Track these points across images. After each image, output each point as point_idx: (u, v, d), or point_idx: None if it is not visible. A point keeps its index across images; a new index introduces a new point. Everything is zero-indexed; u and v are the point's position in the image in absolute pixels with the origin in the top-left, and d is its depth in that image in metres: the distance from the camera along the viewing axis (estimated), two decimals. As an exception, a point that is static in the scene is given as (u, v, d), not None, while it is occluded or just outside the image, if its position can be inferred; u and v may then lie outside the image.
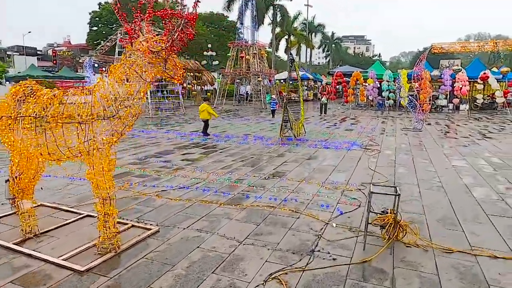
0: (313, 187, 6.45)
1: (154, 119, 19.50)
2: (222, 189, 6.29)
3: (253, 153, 9.61)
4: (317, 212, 5.20)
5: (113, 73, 3.67)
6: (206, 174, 7.36)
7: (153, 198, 5.81)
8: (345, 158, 9.01)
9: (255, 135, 12.95)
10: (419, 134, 13.49)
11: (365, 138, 12.25)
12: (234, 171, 7.61)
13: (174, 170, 7.72)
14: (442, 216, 5.02)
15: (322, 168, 7.88)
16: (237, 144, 11.08)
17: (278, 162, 8.50)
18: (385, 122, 18.04)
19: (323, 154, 9.53)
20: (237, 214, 5.11)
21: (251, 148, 10.43)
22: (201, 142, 11.47)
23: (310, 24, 70.83)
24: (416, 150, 10.06)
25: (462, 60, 46.08)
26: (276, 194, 6.00)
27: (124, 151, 9.79)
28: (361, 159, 8.90)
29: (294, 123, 11.35)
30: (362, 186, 6.48)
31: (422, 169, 7.81)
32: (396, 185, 6.34)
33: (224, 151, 9.91)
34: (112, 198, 3.76)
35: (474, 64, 26.83)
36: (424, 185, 6.56)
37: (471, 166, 8.13)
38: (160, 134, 13.50)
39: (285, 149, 10.18)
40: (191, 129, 14.88)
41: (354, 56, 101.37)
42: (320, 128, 15.18)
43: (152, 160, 8.76)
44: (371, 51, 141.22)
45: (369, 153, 9.65)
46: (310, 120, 18.90)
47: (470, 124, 17.25)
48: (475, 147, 10.74)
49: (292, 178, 7.02)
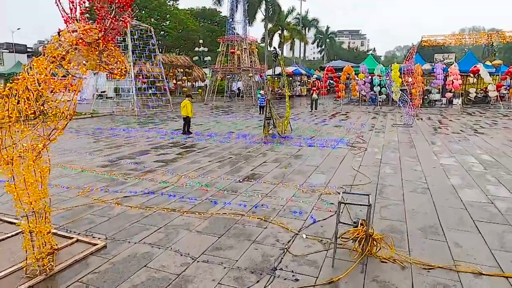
0: (289, 190, 5.97)
1: (139, 117, 18.93)
2: (190, 195, 5.79)
3: (233, 153, 9.12)
4: (289, 220, 4.72)
5: (35, 67, 3.15)
6: (177, 177, 6.85)
7: (111, 206, 5.30)
8: (329, 157, 8.53)
9: (239, 133, 12.44)
10: (409, 130, 13.05)
11: (353, 135, 11.78)
12: (208, 173, 7.11)
13: (144, 173, 7.20)
14: (424, 224, 4.56)
15: (302, 169, 7.39)
16: (218, 143, 10.57)
17: (257, 163, 8.01)
18: (376, 117, 17.59)
19: (307, 153, 9.05)
20: (199, 224, 4.62)
21: (232, 147, 9.93)
22: (180, 141, 10.95)
23: (304, 19, 70.27)
24: (404, 148, 9.61)
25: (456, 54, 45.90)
26: (247, 200, 5.51)
27: (97, 152, 9.26)
28: (346, 158, 8.43)
29: (278, 120, 10.86)
30: (342, 188, 6.01)
31: (408, 169, 7.35)
32: (379, 187, 5.89)
33: (203, 151, 9.40)
34: (38, 213, 3.25)
35: (467, 58, 26.44)
36: (408, 187, 6.10)
37: (460, 165, 7.69)
38: (140, 133, 12.96)
39: (267, 148, 9.69)
40: (175, 127, 14.34)
41: (348, 51, 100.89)
42: (308, 125, 14.70)
43: (124, 162, 8.23)
44: (366, 45, 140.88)
45: (355, 151, 9.18)
46: (299, 116, 18.41)
47: (462, 119, 16.85)
48: (466, 143, 10.31)
49: (268, 181, 6.53)
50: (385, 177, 6.77)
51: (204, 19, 67.96)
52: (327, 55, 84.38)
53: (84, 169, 7.54)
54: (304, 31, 72.27)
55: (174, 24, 60.67)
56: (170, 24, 60.49)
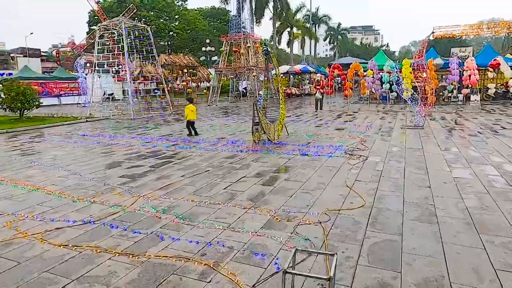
0: (260, 218, 4.82)
1: (135, 121, 18.06)
2: (137, 225, 4.71)
3: (213, 164, 8.01)
4: (244, 267, 3.58)
5: None
6: (134, 199, 5.79)
7: (33, 243, 4.27)
8: (321, 169, 7.33)
9: (230, 139, 11.34)
10: (419, 132, 11.68)
11: (355, 140, 10.51)
12: (173, 193, 6.02)
13: (99, 193, 6.17)
14: (425, 278, 3.34)
15: (285, 187, 6.22)
16: (202, 151, 9.49)
17: (235, 177, 6.87)
18: (385, 118, 16.20)
19: (296, 164, 7.87)
20: (125, 274, 3.52)
21: (215, 157, 8.83)
22: (162, 150, 9.92)
23: (314, 16, 68.72)
24: (412, 156, 8.31)
25: (474, 48, 43.48)
26: (203, 233, 4.39)
27: (63, 165, 8.29)
28: (340, 170, 7.21)
29: (268, 125, 9.69)
30: (326, 215, 4.83)
31: (413, 185, 6.09)
32: (374, 213, 4.48)
33: (180, 162, 8.33)
34: None
35: (485, 51, 24.64)
36: (410, 212, 4.86)
37: (478, 179, 6.37)
38: (125, 140, 12.00)
39: (253, 158, 8.54)
40: (165, 133, 13.35)
41: (361, 47, 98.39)
42: (308, 128, 13.47)
43: (86, 177, 7.23)
44: (380, 41, 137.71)
45: (353, 161, 7.94)
46: (301, 117, 17.19)
47: (481, 118, 15.30)
48: (484, 148, 8.93)
49: (239, 204, 5.39)
50: (383, 197, 5.54)
51: (213, 19, 67.13)
52: (339, 52, 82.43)
53: (36, 187, 6.57)
54: (315, 28, 70.70)
55: (183, 24, 60.08)
56: (179, 25, 59.95)
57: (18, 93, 18.75)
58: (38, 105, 20.67)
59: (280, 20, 56.63)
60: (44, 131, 15.14)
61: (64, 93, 41.44)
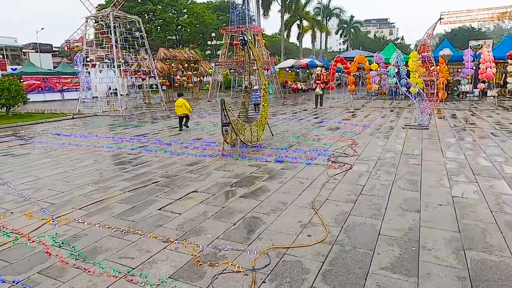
0: (176, 260, 3.57)
1: (121, 118, 17.02)
2: (11, 267, 3.53)
3: (169, 173, 6.80)
4: None
5: None
6: (40, 222, 4.61)
7: None
8: (290, 182, 6.02)
9: (206, 140, 10.11)
10: (422, 133, 10.20)
11: (345, 142, 9.13)
12: (93, 215, 4.82)
13: (4, 213, 5.02)
14: None
15: (234, 208, 4.94)
16: (166, 156, 8.29)
17: (182, 193, 5.63)
18: (387, 115, 14.68)
19: (264, 173, 6.57)
20: None
21: (176, 163, 7.60)
22: (123, 153, 8.76)
23: (326, 8, 66.64)
24: (406, 165, 6.90)
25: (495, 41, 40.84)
26: (84, 284, 3.17)
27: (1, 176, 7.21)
28: (314, 183, 5.88)
29: (243, 126, 8.39)
30: (267, 256, 3.54)
31: (398, 209, 4.72)
32: (332, 254, 3.20)
33: (134, 170, 7.14)
34: None
35: (504, 43, 22.67)
36: (383, 256, 3.52)
37: (484, 199, 4.96)
38: (94, 140, 10.91)
39: (218, 165, 7.28)
40: (140, 132, 12.21)
41: (374, 40, 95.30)
42: (300, 127, 12.12)
43: (13, 188, 6.11)
44: (395, 34, 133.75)
45: (334, 170, 6.60)
46: (297, 115, 15.83)
47: (496, 116, 13.64)
48: (496, 155, 7.44)
49: (162, 234, 4.15)
50: (354, 227, 4.21)
51: (222, 12, 65.74)
52: (352, 46, 79.96)
53: None
54: (326, 21, 68.57)
55: (191, 18, 58.93)
56: (186, 19, 58.84)
57: (3, 89, 17.94)
58: (25, 101, 19.88)
59: (289, 12, 54.85)
60: (21, 129, 14.21)
61: (67, 88, 40.92)
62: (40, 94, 37.12)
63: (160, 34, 54.57)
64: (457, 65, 22.29)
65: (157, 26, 55.58)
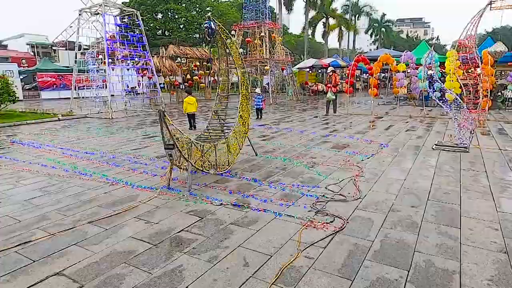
0: None
1: (110, 121, 15.06)
2: None
3: (61, 222, 4.50)
4: None
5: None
6: None
7: None
8: (229, 258, 3.55)
9: (165, 160, 7.79)
10: (461, 159, 7.40)
11: (347, 173, 6.52)
12: None
13: None
14: None
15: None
16: (94, 184, 6.04)
17: (33, 277, 3.31)
18: (414, 128, 11.80)
19: (200, 233, 4.13)
20: None
21: (97, 199, 5.30)
22: (42, 181, 6.59)
23: (354, 5, 63.14)
24: (435, 224, 4.23)
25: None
26: None
27: None
28: (270, 263, 3.39)
29: (196, 148, 5.97)
30: None
31: None
32: None
33: (24, 211, 4.91)
34: None
35: None
36: None
37: None
38: (45, 151, 8.86)
39: (149, 208, 4.91)
40: (110, 142, 10.10)
41: (407, 40, 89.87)
42: (297, 142, 9.55)
43: None
44: (430, 34, 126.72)
45: (312, 233, 4.06)
46: (303, 123, 13.21)
47: (561, 133, 10.48)
48: None
49: None
50: None
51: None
52: (382, 46, 75.60)
53: None
54: (355, 20, 64.96)
55: (214, 16, 57.39)
56: (211, 17, 57.31)
57: (-12, 87, 16.52)
58: (14, 100, 18.44)
59: (315, 8, 51.91)
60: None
61: (83, 86, 40.11)
62: (54, 91, 36.36)
63: (182, 33, 53.21)
64: (501, 67, 18.95)
65: (180, 25, 54.39)
